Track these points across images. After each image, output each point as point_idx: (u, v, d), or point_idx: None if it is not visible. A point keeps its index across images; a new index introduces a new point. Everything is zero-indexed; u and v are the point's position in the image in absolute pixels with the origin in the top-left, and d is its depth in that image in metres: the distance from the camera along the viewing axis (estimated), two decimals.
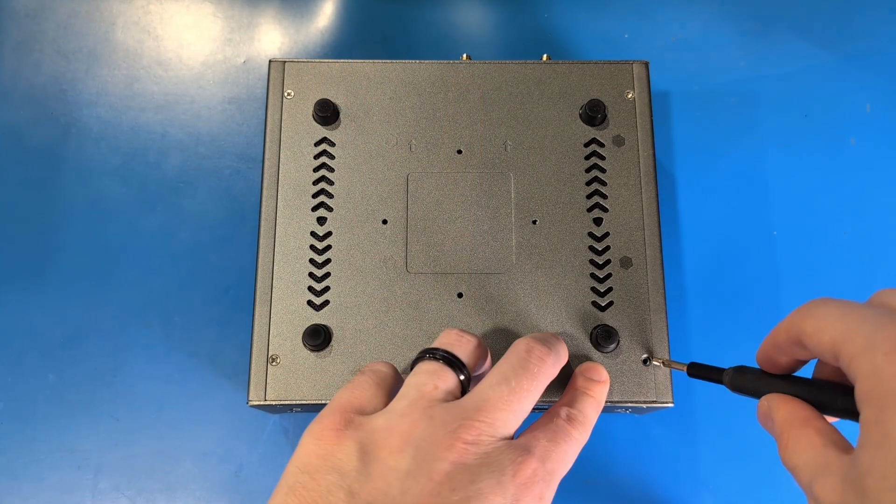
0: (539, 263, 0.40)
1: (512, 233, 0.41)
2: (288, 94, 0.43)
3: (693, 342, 0.48)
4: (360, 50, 0.54)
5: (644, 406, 0.38)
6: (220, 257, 0.49)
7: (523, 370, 0.31)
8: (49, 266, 0.49)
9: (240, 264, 0.48)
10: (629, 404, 0.38)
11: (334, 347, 0.39)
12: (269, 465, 0.45)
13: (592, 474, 0.45)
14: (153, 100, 0.53)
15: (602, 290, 0.40)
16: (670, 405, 0.38)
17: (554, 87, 0.43)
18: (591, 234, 0.41)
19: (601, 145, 0.42)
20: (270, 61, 0.44)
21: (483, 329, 0.39)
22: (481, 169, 0.42)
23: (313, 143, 0.42)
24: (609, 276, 0.40)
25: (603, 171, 0.42)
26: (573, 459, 0.31)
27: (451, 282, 0.40)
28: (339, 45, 0.54)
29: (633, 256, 0.40)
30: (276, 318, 0.39)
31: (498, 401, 0.30)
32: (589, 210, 0.41)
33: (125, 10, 0.55)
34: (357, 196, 0.41)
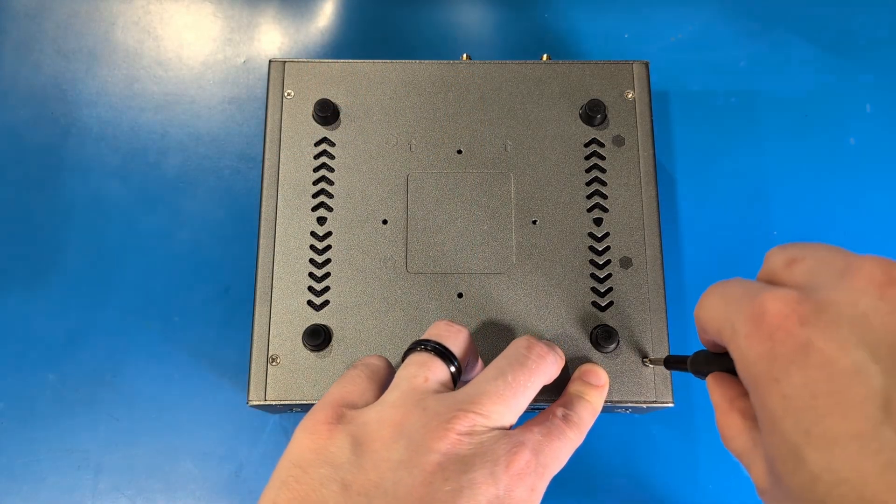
0: (539, 263, 0.40)
1: (512, 233, 0.41)
2: (288, 94, 0.43)
3: (693, 342, 0.48)
4: (360, 50, 0.54)
5: (644, 406, 0.38)
6: (220, 257, 0.49)
7: (521, 366, 0.31)
8: (49, 266, 0.49)
9: (240, 264, 0.48)
10: (629, 404, 0.38)
11: (334, 347, 0.39)
12: (269, 465, 0.45)
13: (592, 474, 0.45)
14: (153, 100, 0.53)
15: (602, 290, 0.40)
16: (670, 405, 0.38)
17: (554, 87, 0.43)
18: (591, 234, 0.41)
19: (601, 145, 0.42)
20: (270, 61, 0.44)
21: (483, 329, 0.39)
22: (481, 169, 0.42)
23: (313, 143, 0.42)
24: (609, 276, 0.40)
25: (603, 171, 0.42)
26: (566, 458, 0.31)
27: (451, 282, 0.40)
28: (339, 45, 0.54)
29: (633, 256, 0.40)
30: (276, 318, 0.39)
31: (493, 393, 0.30)
32: (589, 210, 0.41)
33: (125, 10, 0.55)
34: (357, 196, 0.41)
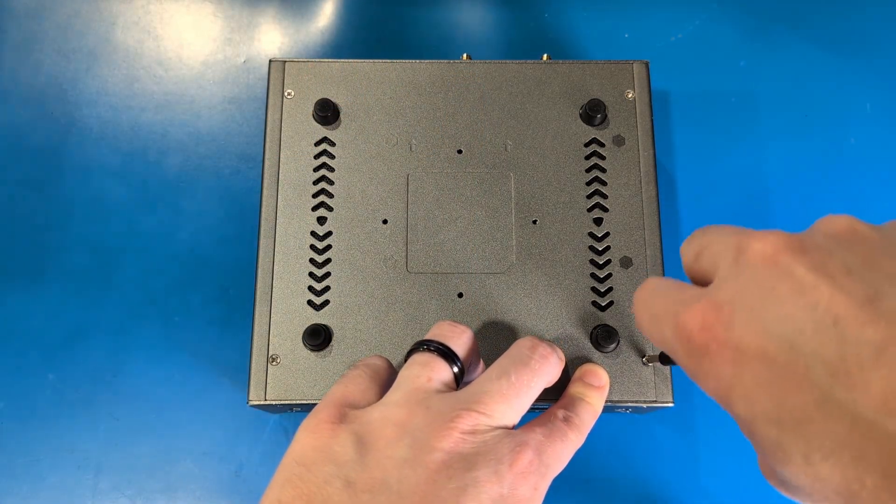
0: (539, 263, 0.40)
1: (512, 233, 0.41)
2: (288, 94, 0.43)
3: None
4: (360, 50, 0.54)
5: (644, 406, 0.38)
6: (220, 257, 0.49)
7: (524, 366, 0.31)
8: (49, 266, 0.49)
9: (240, 264, 0.48)
10: (629, 404, 0.38)
11: (334, 347, 0.39)
12: (270, 465, 0.45)
13: (592, 474, 0.45)
14: (153, 99, 0.53)
15: (602, 290, 0.40)
16: (670, 405, 0.38)
17: (554, 87, 0.43)
18: (591, 234, 0.41)
19: (601, 145, 0.42)
20: (270, 61, 0.44)
21: (483, 329, 0.39)
22: (481, 169, 0.42)
23: (313, 143, 0.42)
24: (609, 276, 0.40)
25: (603, 171, 0.42)
26: (567, 460, 0.31)
27: (451, 282, 0.40)
28: (339, 45, 0.54)
29: (633, 256, 0.40)
30: (276, 318, 0.39)
31: (497, 393, 0.30)
32: (589, 210, 0.41)
33: (125, 10, 0.55)
34: (357, 196, 0.41)
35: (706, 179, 0.51)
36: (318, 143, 0.42)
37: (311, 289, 0.40)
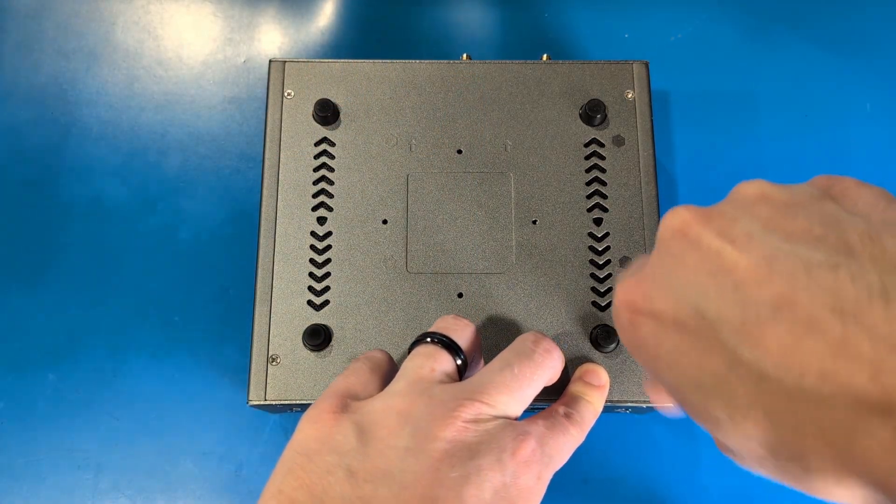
0: (539, 263, 0.40)
1: (512, 233, 0.41)
2: (288, 94, 0.43)
3: None
4: (360, 50, 0.54)
5: (644, 406, 0.38)
6: (220, 257, 0.49)
7: (528, 359, 0.31)
8: (49, 266, 0.49)
9: (240, 264, 0.48)
10: (629, 404, 0.38)
11: (334, 347, 0.39)
12: (270, 465, 0.45)
13: (592, 474, 0.45)
14: (153, 99, 0.53)
15: (602, 290, 0.40)
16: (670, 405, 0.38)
17: (554, 87, 0.43)
18: (591, 234, 0.41)
19: (601, 145, 0.42)
20: (270, 61, 0.44)
21: (483, 329, 0.39)
22: (481, 169, 0.42)
23: (313, 143, 0.42)
24: (609, 276, 0.40)
25: (603, 171, 0.42)
26: (568, 455, 0.31)
27: (451, 282, 0.40)
28: (339, 45, 0.54)
29: (633, 256, 0.40)
30: (276, 318, 0.39)
31: (500, 384, 0.30)
32: (589, 210, 0.41)
33: (125, 10, 0.55)
34: (357, 196, 0.41)
35: (706, 179, 0.51)
36: (318, 143, 0.42)
37: (311, 289, 0.40)
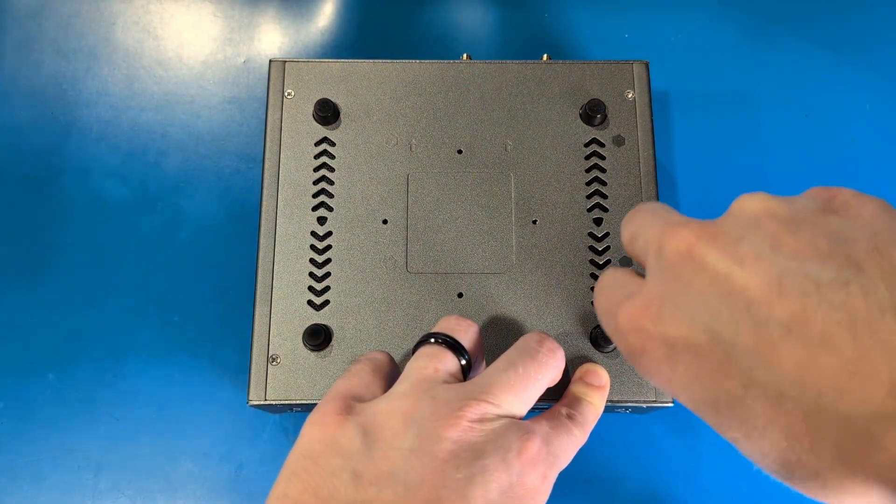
0: (539, 263, 0.40)
1: (512, 233, 0.41)
2: (288, 94, 0.43)
3: None
4: (360, 50, 0.54)
5: (644, 406, 0.38)
6: (220, 257, 0.49)
7: (532, 358, 0.31)
8: (49, 266, 0.49)
9: (240, 264, 0.48)
10: (629, 404, 0.38)
11: (334, 347, 0.39)
12: (270, 465, 0.45)
13: (593, 474, 0.45)
14: (153, 99, 0.53)
15: None
16: (670, 405, 0.38)
17: (554, 87, 0.43)
18: (591, 234, 0.41)
19: (601, 145, 0.42)
20: (270, 61, 0.44)
21: (483, 329, 0.39)
22: (481, 169, 0.42)
23: (313, 143, 0.42)
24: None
25: (603, 171, 0.42)
26: (572, 455, 0.31)
27: (451, 282, 0.40)
28: (339, 45, 0.54)
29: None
30: (276, 318, 0.39)
31: (504, 383, 0.30)
32: (589, 210, 0.41)
33: (125, 10, 0.55)
34: (357, 196, 0.41)
35: (706, 179, 0.51)
36: (318, 143, 0.42)
37: (311, 289, 0.40)
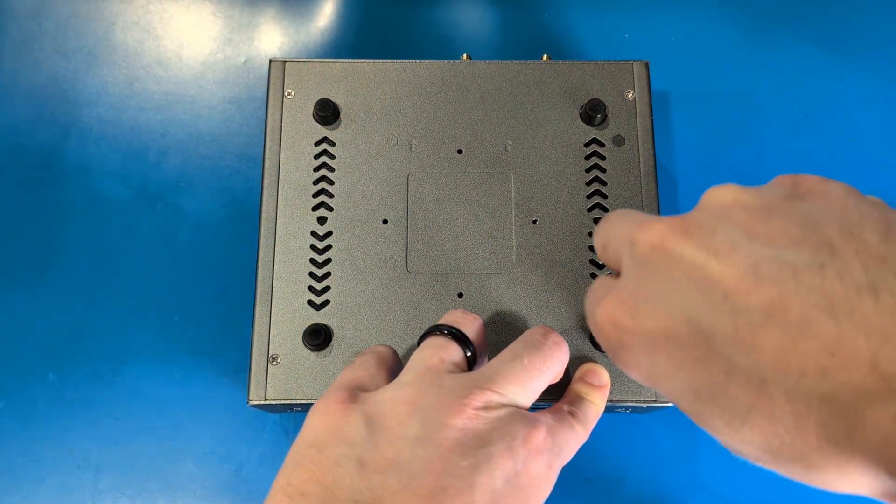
0: (539, 263, 0.40)
1: (512, 233, 0.41)
2: (288, 94, 0.43)
3: None
4: (360, 50, 0.54)
5: (644, 406, 0.38)
6: (220, 257, 0.49)
7: (537, 351, 0.31)
8: (49, 266, 0.49)
9: (240, 264, 0.48)
10: (629, 404, 0.38)
11: (334, 347, 0.39)
12: (270, 465, 0.45)
13: (593, 473, 0.45)
14: (153, 99, 0.53)
15: None
16: (670, 405, 0.38)
17: (554, 87, 0.43)
18: (591, 234, 0.41)
19: (601, 145, 0.42)
20: (271, 61, 0.44)
21: None
22: (481, 169, 0.42)
23: (313, 143, 0.42)
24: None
25: (603, 171, 0.42)
26: (574, 450, 0.31)
27: (451, 281, 0.40)
28: (339, 45, 0.54)
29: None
30: (276, 318, 0.39)
31: (510, 374, 0.30)
32: (589, 210, 0.41)
33: (125, 10, 0.55)
34: (357, 196, 0.41)
35: (706, 179, 0.51)
36: (318, 143, 0.42)
37: (311, 289, 0.40)
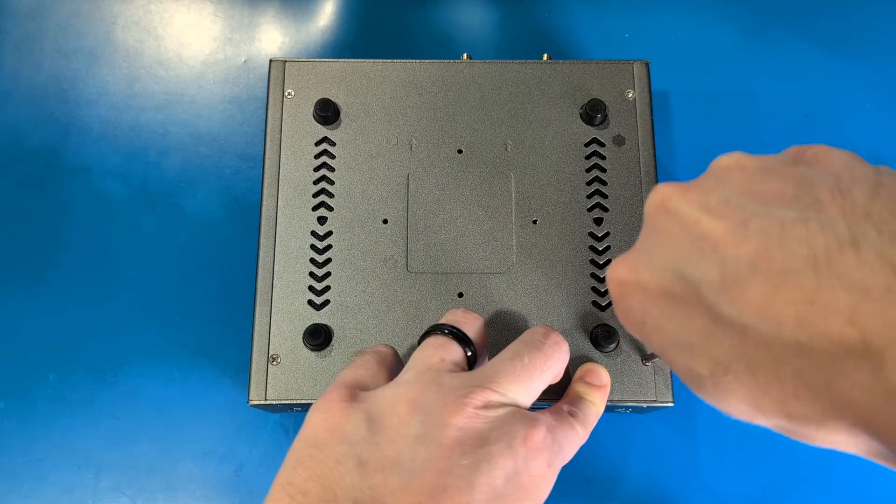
0: (539, 263, 0.40)
1: (512, 233, 0.41)
2: (288, 94, 0.43)
3: None
4: (360, 50, 0.54)
5: (644, 406, 0.38)
6: (220, 257, 0.49)
7: (538, 350, 0.31)
8: (49, 266, 0.49)
9: (240, 264, 0.48)
10: (629, 404, 0.38)
11: (335, 347, 0.39)
12: (270, 465, 0.45)
13: (593, 473, 0.45)
14: (154, 99, 0.53)
15: (602, 290, 0.40)
16: (670, 405, 0.38)
17: (554, 87, 0.43)
18: (591, 234, 0.41)
19: (601, 145, 0.42)
20: (271, 61, 0.44)
21: None
22: (482, 169, 0.42)
23: (314, 143, 0.42)
24: None
25: (603, 170, 0.42)
26: (574, 450, 0.31)
27: (451, 281, 0.40)
28: (339, 45, 0.54)
29: None
30: (276, 318, 0.39)
31: (510, 373, 0.30)
32: (589, 210, 0.41)
33: (125, 10, 0.55)
34: (358, 196, 0.41)
35: None
36: (318, 143, 0.42)
37: (311, 288, 0.40)
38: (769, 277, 0.20)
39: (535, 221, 0.41)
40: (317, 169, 0.42)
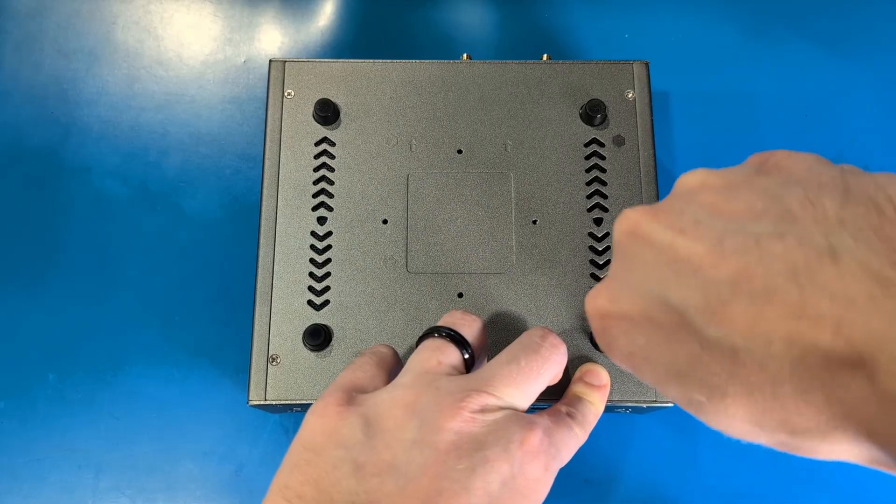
0: (539, 263, 0.40)
1: (512, 233, 0.41)
2: (288, 94, 0.43)
3: None
4: (360, 50, 0.54)
5: (644, 406, 0.38)
6: (220, 257, 0.49)
7: (535, 353, 0.31)
8: (49, 266, 0.49)
9: (240, 264, 0.48)
10: (629, 404, 0.38)
11: (334, 347, 0.39)
12: (270, 465, 0.45)
13: (592, 474, 0.45)
14: (154, 99, 0.53)
15: None
16: (670, 405, 0.38)
17: (554, 87, 0.43)
18: (591, 234, 0.41)
19: (601, 145, 0.42)
20: (271, 61, 0.44)
21: None
22: (481, 169, 0.42)
23: (313, 143, 0.42)
24: None
25: (603, 171, 0.42)
26: (572, 452, 0.31)
27: (451, 282, 0.40)
28: (339, 45, 0.54)
29: None
30: (276, 318, 0.39)
31: (506, 376, 0.30)
32: (589, 210, 0.41)
33: (125, 10, 0.55)
34: (357, 196, 0.41)
35: None
36: (318, 143, 0.42)
37: (311, 289, 0.40)
38: (752, 297, 0.20)
39: (534, 222, 0.41)
40: (316, 169, 0.42)
